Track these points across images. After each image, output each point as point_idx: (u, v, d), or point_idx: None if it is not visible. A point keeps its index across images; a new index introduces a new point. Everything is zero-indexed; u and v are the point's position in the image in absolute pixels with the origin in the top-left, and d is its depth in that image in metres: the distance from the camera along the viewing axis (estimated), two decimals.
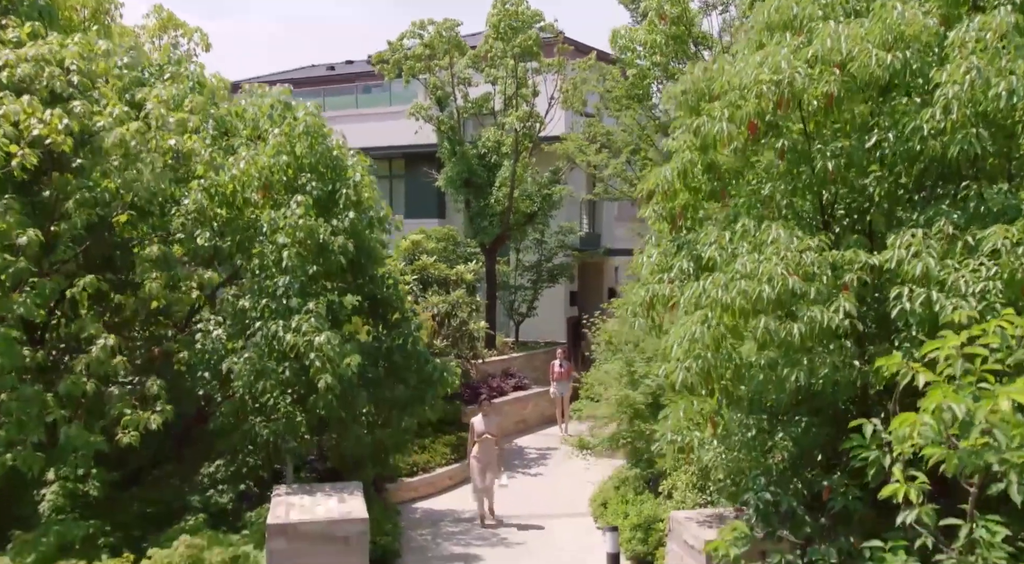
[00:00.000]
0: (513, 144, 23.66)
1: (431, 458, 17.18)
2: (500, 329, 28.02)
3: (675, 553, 7.31)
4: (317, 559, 6.32)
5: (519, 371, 23.77)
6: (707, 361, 6.02)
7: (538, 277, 27.35)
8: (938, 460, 4.36)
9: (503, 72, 24.64)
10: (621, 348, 12.36)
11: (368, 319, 8.54)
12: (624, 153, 18.97)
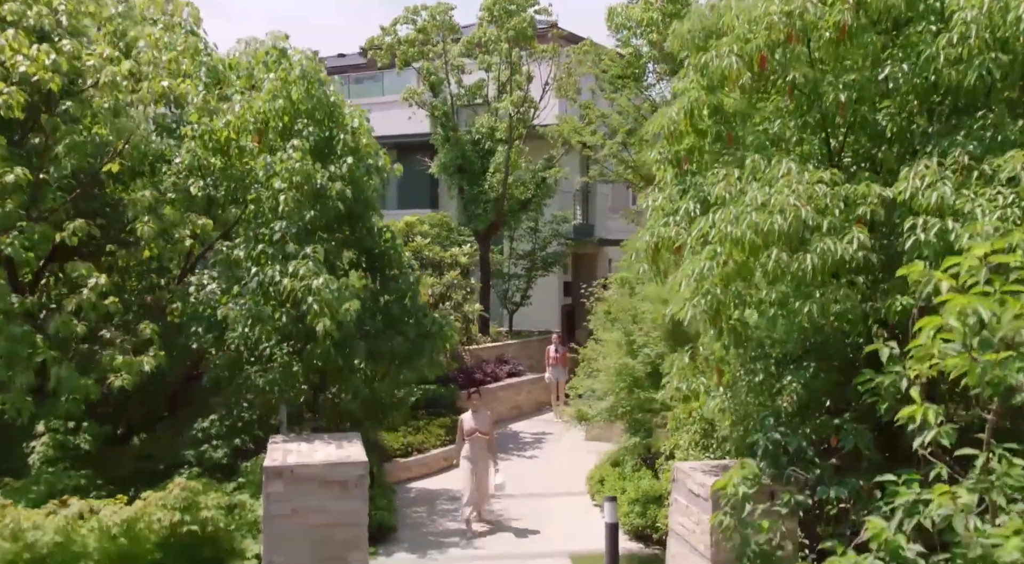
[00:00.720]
0: (507, 129, 23.50)
1: (425, 439, 17.02)
2: (494, 319, 27.88)
3: (679, 504, 7.16)
4: (315, 503, 6.14)
5: (513, 358, 23.61)
6: (716, 298, 5.86)
7: (532, 265, 27.19)
8: (960, 372, 4.21)
9: (497, 58, 24.50)
10: (619, 318, 12.21)
11: (365, 274, 8.36)
12: (620, 133, 18.81)
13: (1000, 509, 4.81)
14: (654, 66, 18.11)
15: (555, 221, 27.89)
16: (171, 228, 7.32)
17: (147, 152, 7.80)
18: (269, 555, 6.09)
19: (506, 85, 24.33)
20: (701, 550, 6.67)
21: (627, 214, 24.60)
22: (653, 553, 11.88)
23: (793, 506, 5.84)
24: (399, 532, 12.89)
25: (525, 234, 27.67)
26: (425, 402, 18.73)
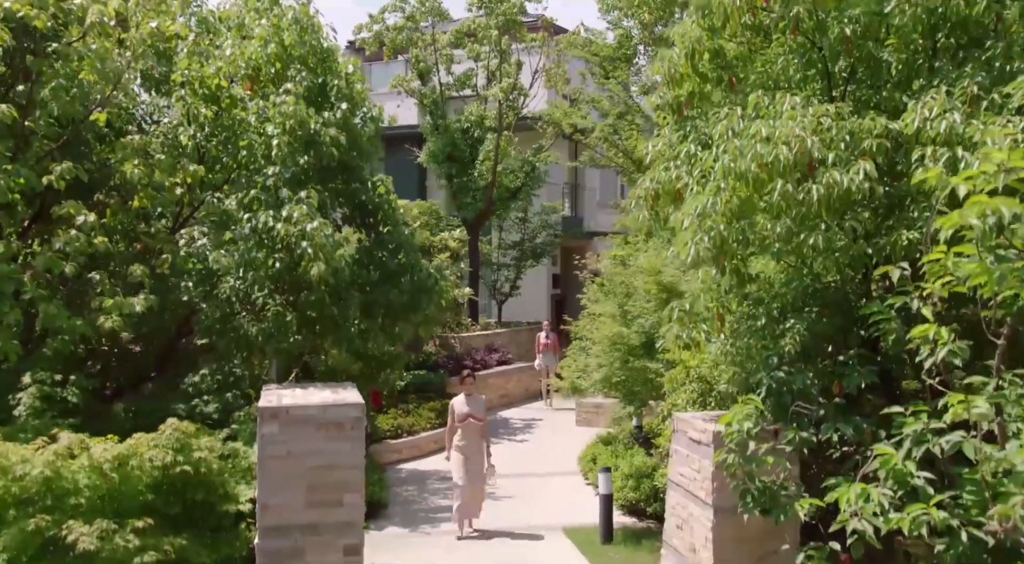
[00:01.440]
0: (497, 116, 23.40)
1: (416, 421, 16.91)
2: (483, 311, 27.78)
3: (679, 454, 7.06)
4: (311, 444, 5.99)
5: (503, 347, 23.50)
6: (719, 235, 5.77)
7: (521, 255, 27.10)
8: (976, 281, 4.13)
9: (486, 47, 24.42)
10: (613, 290, 12.12)
11: (359, 229, 8.22)
12: (611, 115, 18.74)
13: (1010, 435, 4.74)
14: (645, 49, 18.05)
15: (544, 212, 27.84)
16: (161, 174, 7.12)
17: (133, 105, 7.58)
18: (264, 497, 5.94)
19: (495, 73, 24.25)
20: (702, 497, 6.58)
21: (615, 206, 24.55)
22: (646, 527, 11.80)
23: (798, 444, 5.75)
24: (390, 508, 12.78)
25: (514, 224, 27.59)
26: (415, 387, 18.63)
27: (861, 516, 4.80)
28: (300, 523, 6.01)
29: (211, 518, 6.18)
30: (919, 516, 4.81)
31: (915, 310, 4.91)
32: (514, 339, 24.71)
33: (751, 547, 6.47)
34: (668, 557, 7.35)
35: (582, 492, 13.70)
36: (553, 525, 11.87)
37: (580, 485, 14.14)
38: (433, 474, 15.07)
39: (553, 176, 29.08)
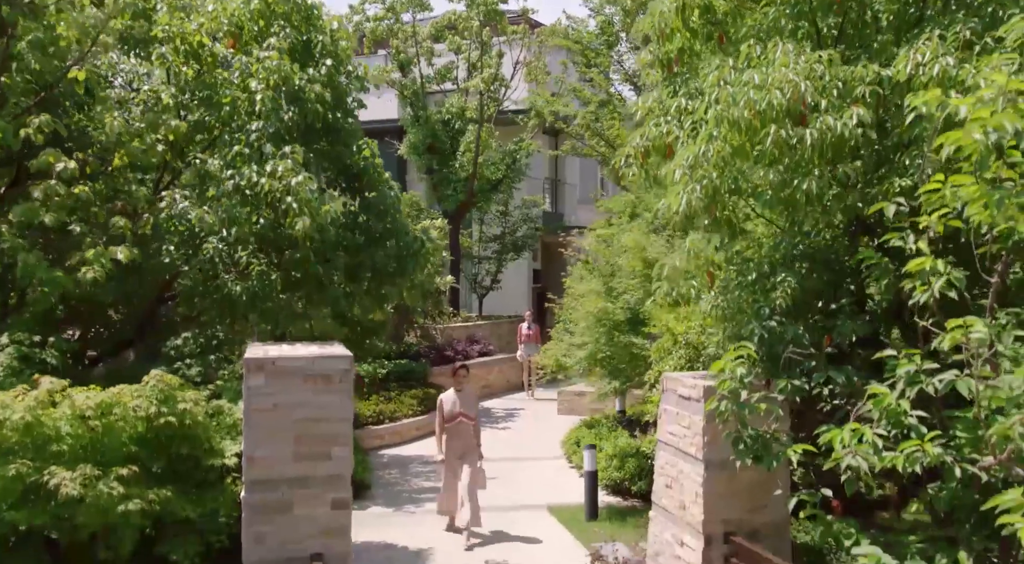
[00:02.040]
0: (478, 106, 23.34)
1: (397, 408, 16.81)
2: (463, 306, 27.69)
3: (669, 412, 7.02)
4: (298, 396, 5.89)
5: (484, 338, 23.43)
6: (711, 183, 5.74)
7: (502, 248, 27.03)
8: (975, 208, 4.12)
9: (467, 39, 24.35)
10: (597, 267, 12.09)
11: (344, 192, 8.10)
12: (593, 103, 18.74)
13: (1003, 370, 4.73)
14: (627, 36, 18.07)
15: (525, 206, 27.81)
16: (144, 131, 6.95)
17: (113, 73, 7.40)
18: (250, 449, 5.83)
19: (476, 65, 24.18)
20: (692, 453, 6.54)
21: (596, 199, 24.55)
22: (631, 505, 11.78)
23: (790, 392, 5.73)
24: (373, 490, 12.69)
25: (495, 218, 27.53)
26: (397, 375, 18.51)
27: (855, 452, 4.78)
28: (287, 476, 5.91)
29: (196, 473, 6.06)
30: (913, 453, 4.80)
31: (910, 248, 4.90)
32: (495, 331, 24.64)
33: (741, 501, 6.45)
34: (657, 518, 7.31)
35: (566, 474, 13.66)
36: (537, 504, 11.82)
37: (564, 467, 14.10)
38: (416, 459, 15.00)
39: (534, 170, 29.06)
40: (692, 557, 6.58)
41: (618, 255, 12.25)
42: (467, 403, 10.03)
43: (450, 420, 9.97)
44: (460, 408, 9.97)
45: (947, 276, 4.50)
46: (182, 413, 5.79)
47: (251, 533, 5.82)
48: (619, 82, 19.39)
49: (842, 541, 5.48)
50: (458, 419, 9.93)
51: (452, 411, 9.96)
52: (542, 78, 23.90)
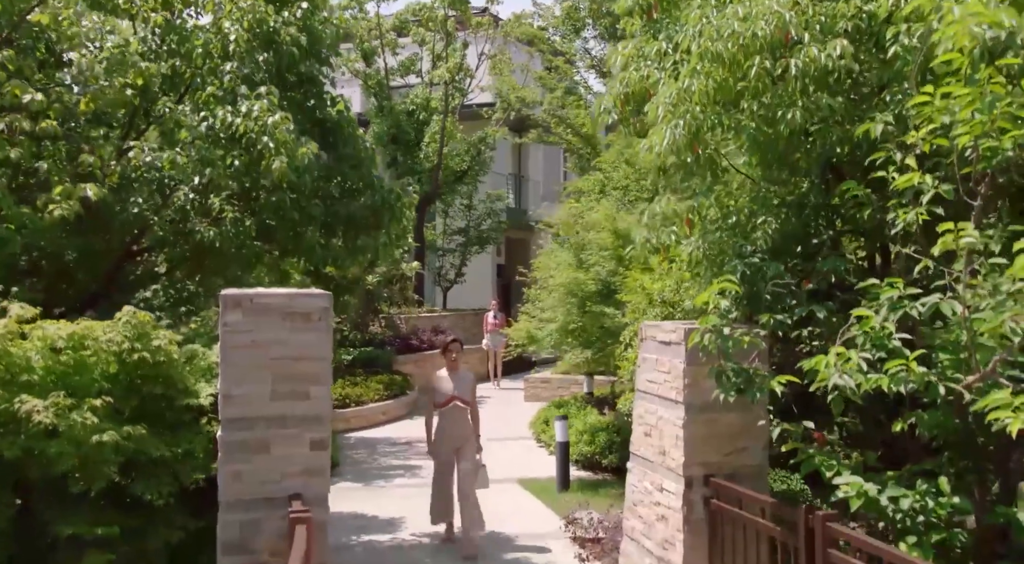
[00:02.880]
0: (443, 96, 23.26)
1: (364, 392, 16.67)
2: (428, 301, 27.56)
3: (647, 360, 7.00)
4: (276, 334, 5.76)
5: (449, 329, 23.29)
6: (694, 118, 5.75)
7: (467, 241, 26.95)
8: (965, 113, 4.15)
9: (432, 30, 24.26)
10: (569, 241, 12.09)
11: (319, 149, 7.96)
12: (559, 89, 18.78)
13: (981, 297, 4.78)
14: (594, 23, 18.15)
15: (489, 199, 27.76)
16: (111, 71, 6.71)
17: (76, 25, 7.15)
18: (226, 387, 5.69)
19: (441, 56, 24.11)
20: (673, 397, 6.53)
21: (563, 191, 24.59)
22: (602, 478, 11.78)
23: (772, 327, 5.74)
24: (342, 467, 12.58)
25: (460, 211, 27.45)
26: (362, 362, 18.35)
27: (842, 371, 4.80)
28: (265, 415, 5.78)
29: (169, 413, 5.89)
30: (898, 372, 4.83)
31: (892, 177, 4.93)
32: (459, 323, 24.51)
33: (720, 444, 6.45)
34: (635, 468, 7.28)
35: (535, 453, 13.64)
36: (508, 478, 11.76)
37: (533, 447, 14.08)
38: (383, 441, 14.90)
39: (498, 164, 29.08)
40: (672, 501, 6.57)
41: (587, 230, 12.27)
42: (462, 384, 8.58)
43: (443, 403, 8.50)
44: (455, 390, 8.50)
45: (935, 189, 4.54)
46: (156, 350, 5.63)
47: (228, 472, 5.68)
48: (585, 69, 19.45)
49: (824, 472, 5.49)
50: (452, 403, 8.46)
51: (446, 393, 8.48)
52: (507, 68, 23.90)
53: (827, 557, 5.13)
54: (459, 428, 8.60)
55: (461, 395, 8.56)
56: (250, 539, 5.69)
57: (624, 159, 13.65)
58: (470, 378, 8.77)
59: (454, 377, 8.66)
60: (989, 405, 4.03)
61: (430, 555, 8.61)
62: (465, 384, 8.65)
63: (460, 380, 8.65)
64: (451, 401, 8.54)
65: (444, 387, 8.60)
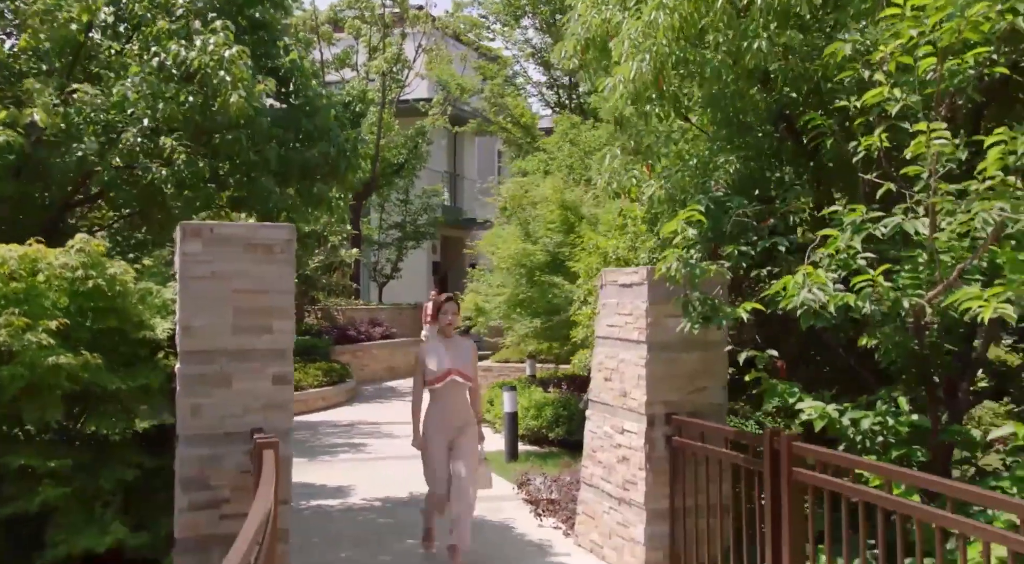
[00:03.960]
0: (381, 87, 23.11)
1: (302, 378, 16.41)
2: (363, 296, 27.29)
3: (608, 306, 7.04)
4: (237, 266, 5.61)
5: (386, 321, 23.12)
6: (662, 52, 5.82)
7: (403, 236, 26.78)
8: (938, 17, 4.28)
9: (368, 22, 24.11)
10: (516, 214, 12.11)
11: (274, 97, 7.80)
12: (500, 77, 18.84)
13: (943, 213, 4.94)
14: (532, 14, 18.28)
15: (426, 195, 27.66)
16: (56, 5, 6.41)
17: None
18: (186, 319, 5.51)
19: (377, 47, 23.95)
20: (635, 337, 6.57)
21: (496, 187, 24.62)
22: (550, 450, 11.80)
23: (737, 259, 5.83)
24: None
25: (396, 206, 27.28)
26: (300, 351, 18.05)
27: (811, 286, 4.90)
28: (226, 348, 5.61)
29: (124, 348, 5.67)
30: (864, 288, 4.96)
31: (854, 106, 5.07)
32: (397, 317, 24.35)
33: (681, 383, 6.51)
34: (594, 415, 7.31)
35: None
36: None
37: None
38: (324, 423, 14.70)
39: (434, 163, 29.04)
40: (633, 441, 6.60)
41: (534, 206, 12.32)
42: (461, 354, 6.72)
43: (438, 380, 6.58)
44: (450, 362, 6.61)
45: (903, 102, 4.67)
46: (111, 279, 5.42)
47: (187, 405, 5.50)
48: (524, 59, 19.56)
49: (787, 399, 5.59)
50: (448, 378, 6.59)
51: (439, 367, 6.60)
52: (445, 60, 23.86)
53: (792, 476, 5.22)
54: (457, 412, 6.69)
55: (460, 368, 6.63)
56: (211, 475, 5.52)
57: (568, 139, 13.75)
58: (469, 347, 6.90)
59: (449, 346, 6.73)
60: (959, 300, 4.16)
61: (382, 516, 8.49)
62: (464, 354, 6.75)
63: (457, 349, 6.75)
64: (447, 376, 6.58)
65: (437, 359, 6.64)
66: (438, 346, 6.78)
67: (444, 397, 6.70)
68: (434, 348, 6.80)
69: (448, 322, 6.78)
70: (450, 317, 6.79)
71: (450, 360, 6.66)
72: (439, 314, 6.84)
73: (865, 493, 4.71)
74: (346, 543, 7.50)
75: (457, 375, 6.65)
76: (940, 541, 4.11)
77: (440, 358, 6.68)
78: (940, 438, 5.55)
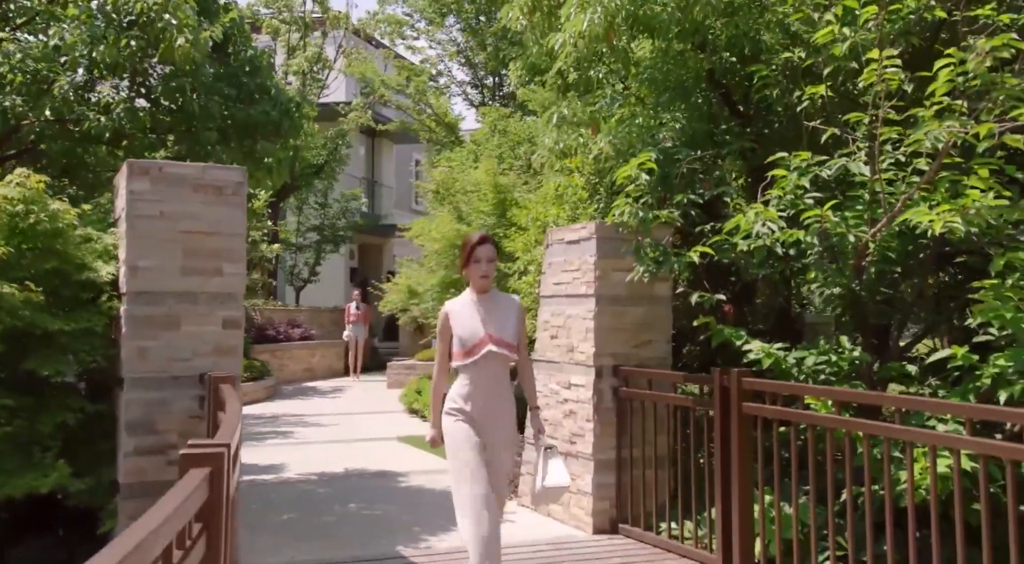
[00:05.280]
0: (299, 86, 22.82)
1: None
2: (280, 300, 26.75)
3: (555, 264, 7.10)
4: (186, 207, 5.47)
5: (304, 323, 22.71)
6: (613, 5, 5.95)
7: (322, 239, 26.40)
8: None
9: (287, 22, 23.82)
10: (447, 197, 12.11)
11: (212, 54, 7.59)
12: (425, 74, 18.86)
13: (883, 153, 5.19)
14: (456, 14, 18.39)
15: (344, 199, 27.36)
16: None
17: None
18: (132, 259, 5.33)
19: (297, 47, 23.67)
20: (583, 291, 6.65)
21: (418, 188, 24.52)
22: None
23: (686, 207, 6.00)
24: None
25: (314, 210, 26.89)
26: None
27: (764, 220, 5.07)
28: (174, 290, 5.45)
29: (66, 291, 5.45)
30: (813, 223, 5.17)
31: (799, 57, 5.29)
32: (316, 319, 23.94)
33: (627, 336, 6.62)
34: (539, 375, 7.34)
35: (408, 422, 13.45)
36: (388, 437, 11.61)
37: (405, 419, 13.87)
38: (247, 416, 14.23)
39: (353, 169, 28.78)
40: (581, 394, 6.68)
41: (466, 193, 12.35)
42: (501, 316, 4.67)
43: (469, 352, 4.57)
44: (488, 327, 4.60)
45: (852, 39, 4.90)
46: (54, 215, 5.22)
47: (132, 348, 5.32)
48: (449, 59, 19.63)
49: (734, 341, 5.75)
50: (485, 349, 4.55)
51: (473, 332, 4.58)
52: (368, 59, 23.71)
53: (742, 410, 5.37)
54: (497, 396, 4.60)
55: (501, 335, 4.57)
56: (158, 419, 5.35)
57: (498, 130, 13.86)
58: (513, 306, 4.76)
59: (486, 306, 4.65)
60: (910, 218, 4.37)
61: (320, 487, 8.33)
62: (507, 316, 4.67)
63: (497, 309, 4.67)
64: (482, 346, 4.52)
65: (468, 323, 4.59)
66: (469, 305, 4.62)
67: (479, 375, 4.51)
68: (464, 308, 4.63)
69: (483, 274, 4.58)
70: (484, 266, 4.58)
71: (488, 324, 4.53)
72: (470, 262, 4.61)
73: (814, 417, 4.89)
74: (287, 507, 7.35)
75: (496, 345, 4.49)
76: (887, 455, 4.29)
77: (473, 322, 4.54)
78: (878, 375, 5.80)
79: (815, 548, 5.06)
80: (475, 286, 4.66)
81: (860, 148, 5.33)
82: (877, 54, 4.49)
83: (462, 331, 4.54)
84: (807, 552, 5.07)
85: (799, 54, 5.58)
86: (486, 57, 19.14)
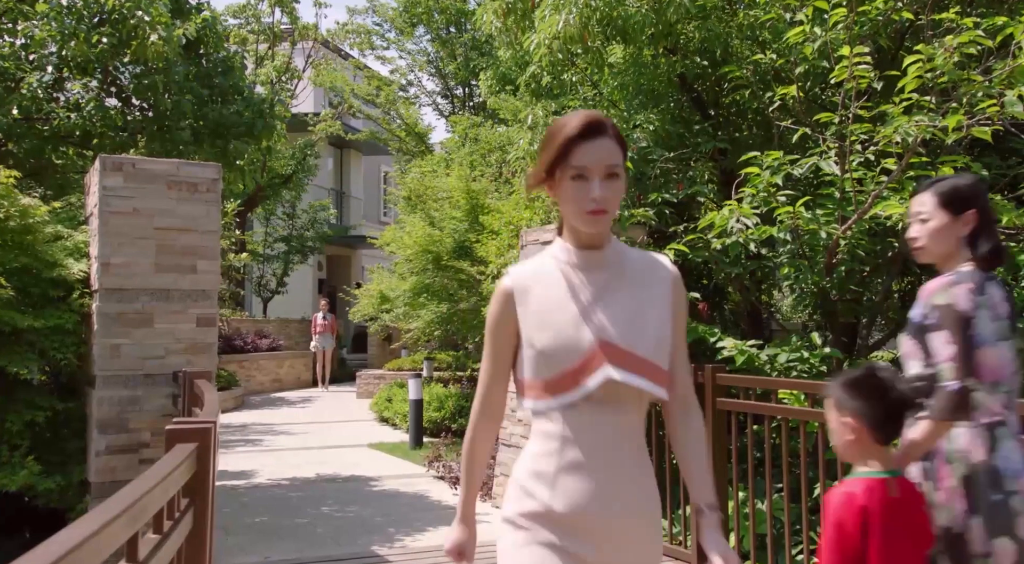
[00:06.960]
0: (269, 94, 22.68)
1: None
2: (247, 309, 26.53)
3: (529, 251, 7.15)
4: (160, 203, 5.42)
5: (272, 334, 22.52)
6: (588, 7, 6.02)
7: (289, 249, 26.23)
8: None
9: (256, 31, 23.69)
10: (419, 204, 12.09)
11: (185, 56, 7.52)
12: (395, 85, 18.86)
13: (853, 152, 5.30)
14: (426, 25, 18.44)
15: (312, 209, 27.24)
16: None
17: None
18: (106, 255, 5.27)
19: (265, 56, 23.55)
20: None
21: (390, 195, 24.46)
22: (452, 441, 11.74)
23: (660, 206, 6.06)
24: None
25: (282, 220, 26.73)
26: None
27: (740, 215, 5.14)
28: (148, 287, 5.40)
29: (35, 289, 5.36)
30: (785, 220, 5.25)
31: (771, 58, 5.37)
32: (283, 330, 23.75)
33: None
34: None
35: (379, 429, 13.39)
36: (358, 444, 11.54)
37: (376, 426, 13.80)
38: None
39: (321, 179, 28.66)
40: None
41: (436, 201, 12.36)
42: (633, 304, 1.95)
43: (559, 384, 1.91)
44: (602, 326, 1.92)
45: (823, 38, 4.99)
46: (24, 210, 5.15)
47: (105, 345, 5.26)
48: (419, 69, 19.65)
49: (708, 338, 5.81)
50: (596, 375, 1.89)
51: (568, 339, 1.91)
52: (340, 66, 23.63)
53: (716, 406, 5.41)
54: (620, 476, 1.94)
55: (632, 345, 1.92)
56: (130, 417, 5.29)
57: (470, 137, 13.89)
58: (664, 281, 2.04)
59: (597, 276, 1.98)
60: (880, 211, 4.46)
61: (292, 491, 8.26)
62: (646, 301, 1.99)
63: (628, 286, 2.00)
64: (590, 368, 1.91)
65: (560, 317, 1.96)
66: (561, 279, 2.01)
67: (582, 432, 1.95)
68: (551, 284, 2.01)
69: (593, 206, 1.89)
70: (598, 187, 1.88)
71: (602, 320, 1.95)
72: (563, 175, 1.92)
73: (788, 410, 4.95)
74: (260, 509, 7.28)
75: (624, 366, 1.92)
76: None
77: (568, 314, 1.97)
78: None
79: (789, 543, 5.11)
80: (576, 235, 2.02)
81: (831, 148, 5.42)
82: (848, 51, 4.58)
83: (543, 334, 1.97)
84: (781, 547, 5.12)
85: (770, 56, 5.68)
86: (456, 67, 19.20)
